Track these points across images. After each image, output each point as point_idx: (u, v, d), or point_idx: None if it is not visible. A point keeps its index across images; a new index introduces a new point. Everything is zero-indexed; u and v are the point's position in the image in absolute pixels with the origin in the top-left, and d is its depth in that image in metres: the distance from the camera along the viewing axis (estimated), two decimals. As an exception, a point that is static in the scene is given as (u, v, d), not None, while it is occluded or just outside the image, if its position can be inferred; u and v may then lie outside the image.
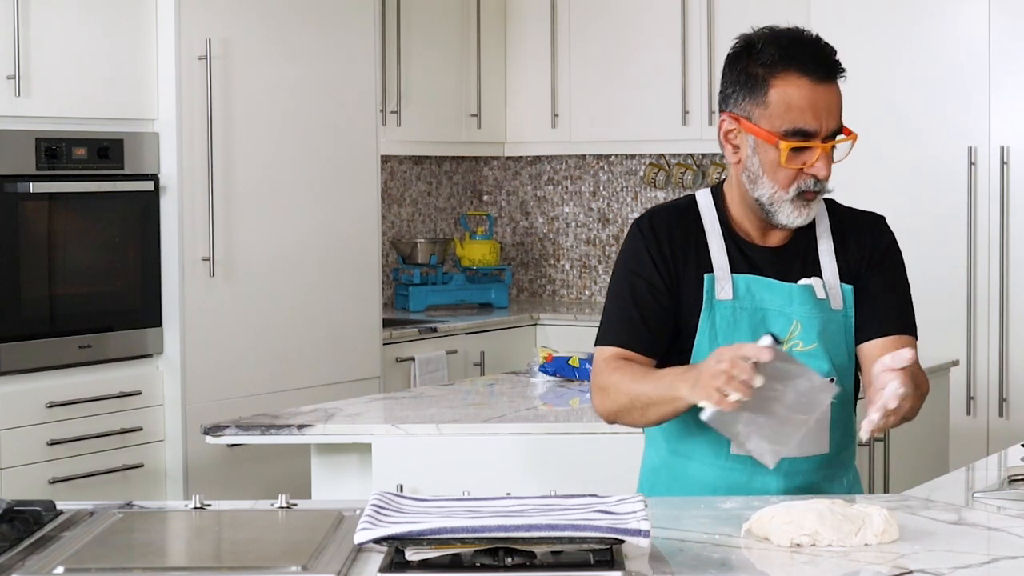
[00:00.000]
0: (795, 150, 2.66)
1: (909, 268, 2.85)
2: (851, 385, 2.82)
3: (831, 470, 2.80)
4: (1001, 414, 5.65)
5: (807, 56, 2.68)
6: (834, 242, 2.80)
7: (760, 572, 2.22)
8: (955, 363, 5.04)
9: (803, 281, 2.75)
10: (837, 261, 2.78)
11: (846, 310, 2.77)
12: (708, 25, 6.39)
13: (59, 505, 2.50)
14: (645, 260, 2.76)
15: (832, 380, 2.72)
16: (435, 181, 7.12)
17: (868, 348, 2.77)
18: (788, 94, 2.67)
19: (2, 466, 4.66)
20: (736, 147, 2.73)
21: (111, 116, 4.98)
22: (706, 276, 2.74)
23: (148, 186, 5.05)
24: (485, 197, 7.37)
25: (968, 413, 5.67)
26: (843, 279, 2.78)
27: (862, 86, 5.80)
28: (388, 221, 6.80)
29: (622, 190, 7.05)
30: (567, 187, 7.19)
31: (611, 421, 2.77)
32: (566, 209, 7.19)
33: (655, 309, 2.76)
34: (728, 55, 2.75)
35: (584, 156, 7.10)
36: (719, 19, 6.35)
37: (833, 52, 2.71)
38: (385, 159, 6.62)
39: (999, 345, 5.64)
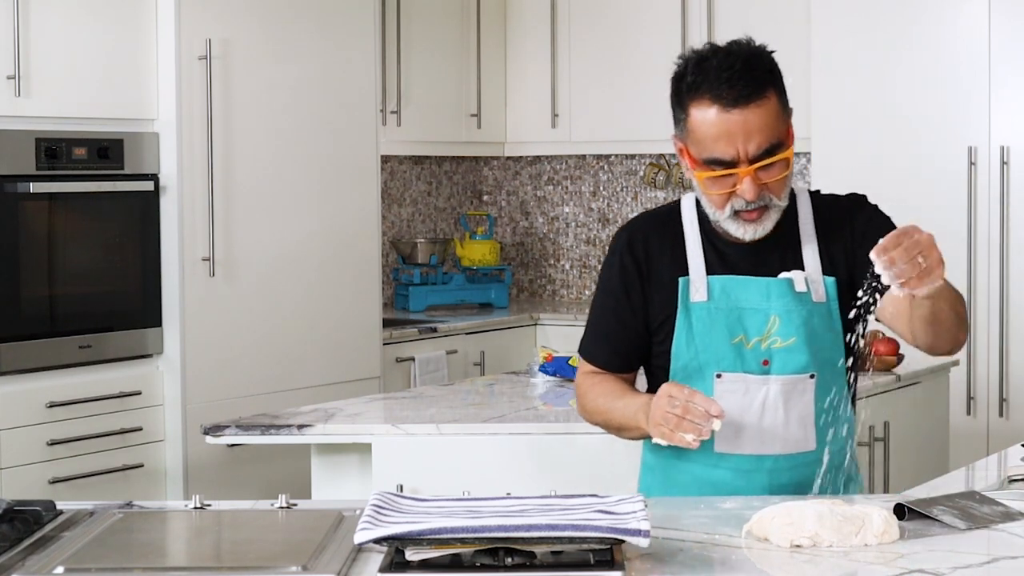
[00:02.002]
0: (719, 176, 2.65)
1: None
2: (842, 381, 2.77)
3: (819, 469, 2.75)
4: (1001, 414, 5.65)
5: (717, 80, 2.59)
6: (816, 233, 2.76)
7: (760, 572, 2.22)
8: (955, 363, 5.03)
9: (783, 275, 2.72)
10: (820, 252, 2.74)
11: (829, 303, 2.72)
12: (708, 25, 6.38)
13: (59, 505, 2.50)
14: (615, 278, 2.81)
15: (812, 376, 2.72)
16: (435, 181, 7.12)
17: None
18: (699, 122, 2.63)
19: (2, 466, 4.66)
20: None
21: (111, 116, 4.98)
22: (680, 279, 2.74)
23: (148, 186, 5.05)
24: (485, 197, 7.37)
25: (968, 413, 5.67)
26: (828, 270, 2.73)
27: (862, 86, 5.81)
28: (388, 221, 6.80)
29: (622, 190, 7.05)
30: (567, 187, 7.19)
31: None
32: (566, 209, 7.19)
33: (618, 331, 2.83)
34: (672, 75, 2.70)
35: (584, 156, 7.10)
36: (719, 19, 6.35)
37: (753, 69, 2.59)
38: (385, 159, 6.62)
39: (999, 345, 5.64)
